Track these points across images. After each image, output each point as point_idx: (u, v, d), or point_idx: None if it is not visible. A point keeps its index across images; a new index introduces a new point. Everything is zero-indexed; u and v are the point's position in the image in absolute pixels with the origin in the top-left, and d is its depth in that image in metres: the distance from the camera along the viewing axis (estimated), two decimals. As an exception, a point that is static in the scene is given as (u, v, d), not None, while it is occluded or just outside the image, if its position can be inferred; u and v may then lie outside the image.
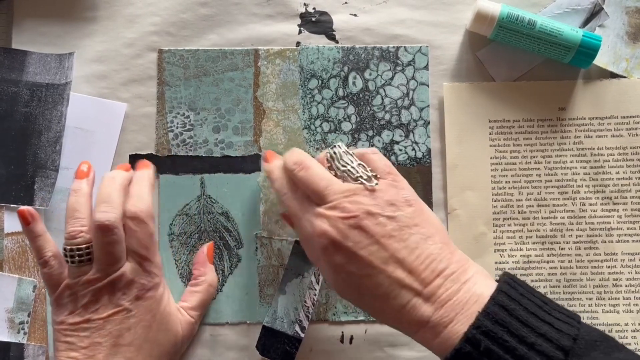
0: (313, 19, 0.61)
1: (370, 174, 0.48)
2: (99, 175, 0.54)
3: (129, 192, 0.53)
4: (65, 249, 0.51)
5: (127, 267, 0.51)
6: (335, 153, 0.49)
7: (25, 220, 0.53)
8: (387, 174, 0.48)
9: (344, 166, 0.48)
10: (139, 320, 0.50)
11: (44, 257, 0.52)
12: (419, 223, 0.46)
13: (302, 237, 0.49)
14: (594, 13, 0.60)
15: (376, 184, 0.47)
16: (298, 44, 0.60)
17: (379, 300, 0.44)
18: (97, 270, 0.50)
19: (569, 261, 0.58)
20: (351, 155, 0.49)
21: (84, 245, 0.50)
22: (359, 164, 0.48)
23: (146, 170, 0.55)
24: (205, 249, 0.58)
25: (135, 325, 0.50)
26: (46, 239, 0.53)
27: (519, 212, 0.59)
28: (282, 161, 0.52)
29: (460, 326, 0.42)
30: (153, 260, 0.52)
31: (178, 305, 0.55)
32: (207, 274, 0.57)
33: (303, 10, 0.61)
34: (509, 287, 0.43)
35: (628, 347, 0.57)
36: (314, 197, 0.48)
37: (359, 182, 0.47)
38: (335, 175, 0.49)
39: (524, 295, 0.43)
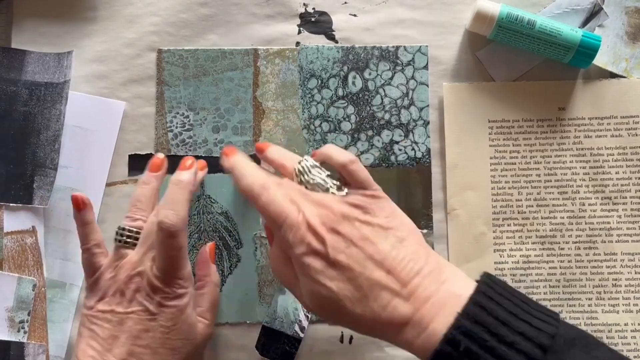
0: (313, 19, 0.61)
1: (339, 184, 0.49)
2: (96, 176, 0.55)
3: (164, 197, 0.51)
4: (119, 227, 0.51)
5: (151, 271, 0.50)
6: (303, 167, 0.49)
7: (77, 206, 0.53)
8: (367, 185, 0.48)
9: (312, 180, 0.49)
10: (159, 325, 0.50)
11: (87, 245, 0.53)
12: (394, 227, 0.46)
13: (279, 251, 0.49)
14: (594, 13, 0.60)
15: (346, 192, 0.48)
16: (297, 44, 0.60)
17: (359, 304, 0.44)
18: (135, 255, 0.51)
19: (569, 261, 0.58)
20: (319, 167, 0.50)
21: (135, 229, 0.51)
22: (327, 175, 0.49)
23: (186, 173, 0.53)
24: (207, 249, 0.58)
25: (154, 329, 0.50)
26: (93, 228, 0.53)
27: (518, 212, 0.59)
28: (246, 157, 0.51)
29: (440, 326, 0.42)
30: (179, 272, 0.50)
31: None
32: (211, 274, 0.57)
33: (303, 10, 0.61)
34: (488, 287, 0.43)
35: (627, 346, 0.57)
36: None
37: (330, 192, 0.48)
38: (306, 188, 0.49)
39: (503, 295, 0.43)
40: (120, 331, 0.49)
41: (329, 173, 0.49)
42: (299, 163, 0.50)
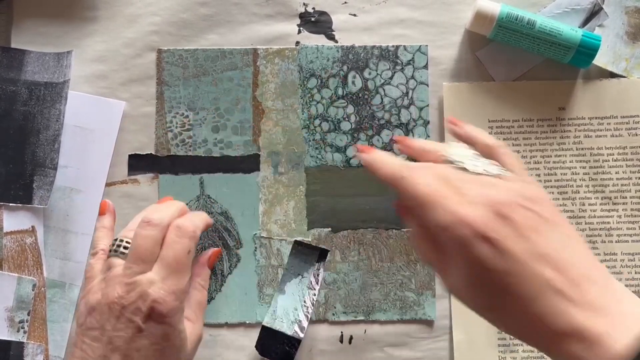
0: (312, 19, 0.61)
1: (503, 169, 0.43)
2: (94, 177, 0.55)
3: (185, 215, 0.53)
4: (117, 238, 0.51)
5: (146, 277, 0.49)
6: (457, 155, 0.44)
7: (101, 210, 0.57)
8: (520, 172, 0.44)
9: (475, 169, 0.43)
10: (151, 342, 0.48)
11: (96, 248, 0.53)
12: (559, 221, 0.41)
13: (426, 230, 0.43)
14: (594, 13, 0.60)
15: (510, 176, 0.43)
16: (297, 43, 0.60)
17: (520, 303, 0.39)
18: (125, 267, 0.49)
19: (569, 261, 0.58)
20: (478, 155, 0.45)
21: (128, 239, 0.51)
22: (490, 163, 0.44)
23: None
24: (211, 252, 0.57)
25: (146, 347, 0.48)
26: (106, 234, 0.55)
27: (518, 212, 0.58)
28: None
29: (618, 346, 0.36)
30: (179, 280, 0.49)
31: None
32: (203, 276, 0.57)
33: (303, 10, 0.61)
34: None
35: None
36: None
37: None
38: None
39: None
40: (109, 350, 0.48)
41: (490, 161, 0.44)
42: (448, 150, 0.44)
